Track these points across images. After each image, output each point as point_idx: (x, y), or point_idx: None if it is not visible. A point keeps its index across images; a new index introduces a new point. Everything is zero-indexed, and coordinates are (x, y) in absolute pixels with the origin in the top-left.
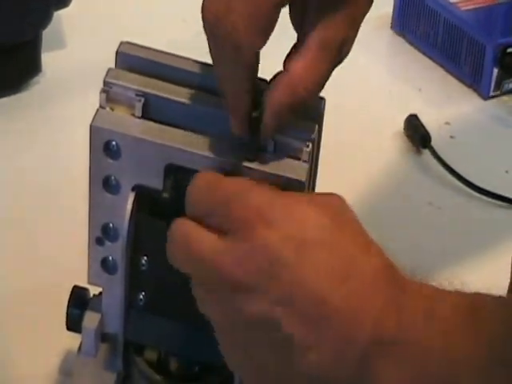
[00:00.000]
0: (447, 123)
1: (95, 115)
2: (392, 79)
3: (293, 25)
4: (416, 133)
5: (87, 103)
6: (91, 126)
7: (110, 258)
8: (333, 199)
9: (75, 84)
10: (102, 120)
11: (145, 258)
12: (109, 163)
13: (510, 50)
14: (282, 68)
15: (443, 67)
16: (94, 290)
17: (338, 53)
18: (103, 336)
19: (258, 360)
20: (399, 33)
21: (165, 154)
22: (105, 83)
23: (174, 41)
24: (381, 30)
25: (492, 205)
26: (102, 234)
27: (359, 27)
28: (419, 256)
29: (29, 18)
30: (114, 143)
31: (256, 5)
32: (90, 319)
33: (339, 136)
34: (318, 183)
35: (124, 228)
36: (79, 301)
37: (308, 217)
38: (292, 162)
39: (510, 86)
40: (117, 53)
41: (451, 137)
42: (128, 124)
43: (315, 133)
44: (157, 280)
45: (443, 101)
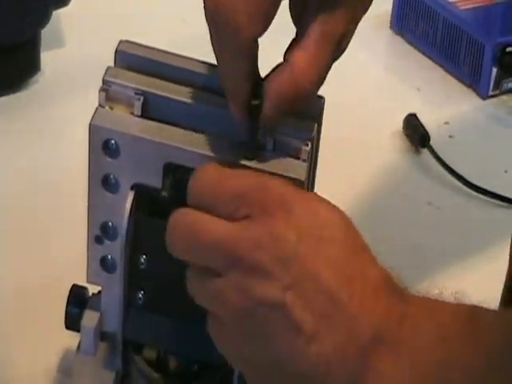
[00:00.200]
0: (446, 123)
1: (94, 114)
2: (391, 79)
3: (292, 18)
4: (415, 132)
5: (86, 102)
6: (90, 125)
7: (109, 257)
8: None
9: (74, 83)
10: (101, 119)
11: (144, 257)
12: (108, 162)
13: (509, 50)
14: (283, 60)
15: (442, 67)
16: (93, 289)
17: (338, 46)
18: (102, 335)
19: (260, 350)
20: (398, 32)
21: (164, 153)
22: (104, 82)
23: (174, 40)
24: (380, 30)
25: (491, 204)
26: (101, 233)
27: (358, 23)
28: (419, 255)
29: (28, 18)
30: (113, 142)
31: None
32: (89, 318)
33: (338, 135)
34: (317, 182)
35: (123, 227)
36: (78, 299)
37: (328, 215)
38: (291, 161)
39: (509, 86)
40: (116, 51)
41: (450, 136)
42: (127, 123)
43: (314, 132)
44: (156, 279)
45: (442, 100)
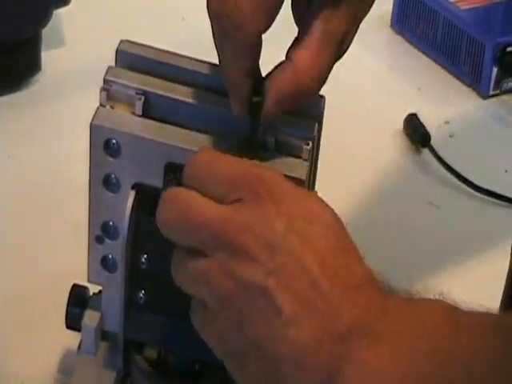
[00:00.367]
0: (447, 122)
1: (95, 113)
2: (391, 78)
3: (294, 17)
4: (415, 132)
5: (87, 101)
6: (91, 125)
7: (110, 257)
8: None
9: (75, 82)
10: (102, 118)
11: (145, 256)
12: (109, 161)
13: (510, 50)
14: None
15: (443, 66)
16: (94, 289)
17: (340, 46)
18: (103, 334)
19: (240, 333)
20: (398, 31)
21: (165, 153)
22: (105, 81)
23: (174, 39)
24: (380, 29)
25: (491, 204)
26: (102, 233)
27: (361, 22)
28: (418, 255)
29: (29, 17)
30: (114, 141)
31: None
32: (90, 317)
33: (339, 135)
34: (318, 181)
35: (124, 226)
36: (79, 299)
37: (318, 211)
38: (292, 160)
39: (510, 85)
40: (117, 51)
41: (451, 136)
42: (128, 122)
43: (315, 131)
44: (157, 278)
45: (443, 100)
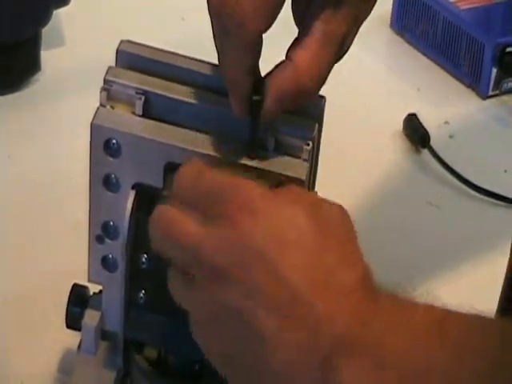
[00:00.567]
0: (446, 123)
1: (95, 113)
2: (391, 78)
3: (294, 18)
4: (415, 132)
5: (87, 101)
6: (92, 124)
7: (110, 256)
8: (331, 208)
9: (75, 82)
10: (103, 118)
11: (145, 256)
12: (109, 161)
13: (509, 50)
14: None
15: (442, 66)
16: (94, 288)
17: (340, 46)
18: (103, 334)
19: (230, 351)
20: (398, 32)
21: (165, 153)
22: (105, 81)
23: (174, 39)
24: (380, 29)
25: (491, 204)
26: (103, 232)
27: (361, 24)
28: (418, 255)
29: (28, 17)
30: (115, 141)
31: None
32: (90, 317)
33: (339, 135)
34: (318, 182)
35: (124, 226)
36: (79, 299)
37: (292, 218)
38: (292, 161)
39: (509, 86)
40: (117, 51)
41: (450, 136)
42: (128, 122)
43: (315, 131)
44: (157, 278)
45: (442, 100)
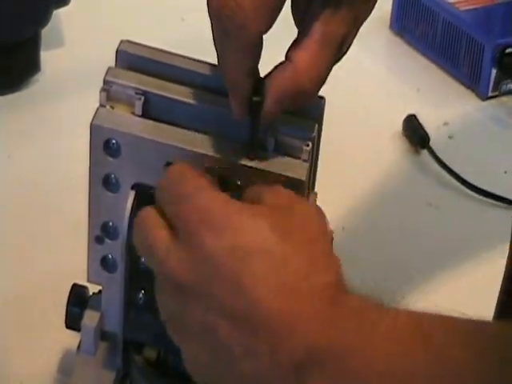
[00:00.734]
0: (446, 123)
1: (95, 114)
2: (390, 79)
3: (294, 19)
4: (414, 133)
5: (87, 102)
6: (91, 125)
7: (110, 257)
8: (301, 210)
9: (75, 83)
10: (102, 118)
11: None
12: (109, 161)
13: (509, 51)
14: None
15: (442, 67)
16: (94, 289)
17: (339, 48)
18: (103, 334)
19: (201, 360)
20: (398, 33)
21: (164, 153)
22: (105, 82)
23: (173, 39)
24: (379, 30)
25: (490, 205)
26: (102, 233)
27: (361, 25)
28: (418, 256)
29: (28, 17)
30: (114, 141)
31: None
32: (90, 317)
33: (338, 136)
34: (318, 183)
35: (124, 226)
36: (79, 299)
37: (253, 227)
38: (292, 161)
39: (509, 87)
40: (117, 51)
41: (450, 137)
42: (128, 122)
43: (315, 132)
44: None
45: (442, 101)
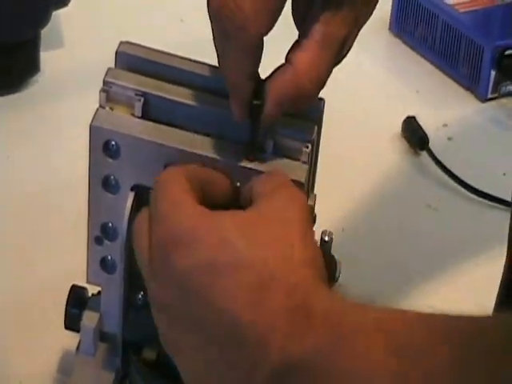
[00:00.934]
0: (445, 125)
1: (95, 115)
2: (390, 81)
3: (294, 20)
4: (414, 135)
5: (86, 102)
6: (91, 126)
7: (109, 258)
8: (277, 207)
9: (74, 84)
10: (102, 120)
11: None
12: (108, 163)
13: (508, 53)
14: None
15: (441, 69)
16: (93, 290)
17: (340, 49)
18: (102, 335)
19: (195, 375)
20: (397, 34)
21: (164, 154)
22: (104, 83)
23: (173, 41)
24: (379, 32)
25: (489, 207)
26: (102, 234)
27: (361, 27)
28: (417, 257)
29: (28, 18)
30: (114, 143)
31: None
32: (89, 318)
33: (338, 137)
34: (317, 184)
35: (123, 227)
36: (78, 300)
37: (221, 241)
38: (291, 163)
39: (508, 89)
40: (116, 52)
41: (449, 139)
42: (127, 124)
43: (315, 134)
44: None
45: (441, 103)
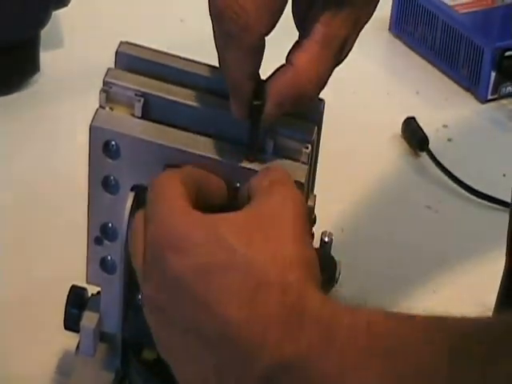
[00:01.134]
0: (445, 126)
1: (95, 115)
2: (390, 82)
3: (295, 21)
4: (414, 136)
5: (86, 103)
6: (91, 126)
7: (109, 258)
8: (272, 207)
9: (74, 84)
10: (102, 120)
11: None
12: (108, 163)
13: (508, 54)
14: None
15: (441, 70)
16: (93, 290)
17: (340, 50)
18: (101, 335)
19: (191, 379)
20: (397, 35)
21: (164, 155)
22: (104, 83)
23: (172, 41)
24: (379, 33)
25: (489, 208)
26: (101, 234)
27: (362, 28)
28: (417, 259)
29: (28, 18)
30: (114, 143)
31: None
32: (89, 319)
33: (337, 138)
34: (317, 185)
35: (123, 228)
36: (77, 300)
37: (214, 243)
38: (291, 164)
39: (508, 90)
40: (116, 53)
41: (449, 140)
42: (127, 124)
43: (314, 134)
44: None
45: (441, 104)
